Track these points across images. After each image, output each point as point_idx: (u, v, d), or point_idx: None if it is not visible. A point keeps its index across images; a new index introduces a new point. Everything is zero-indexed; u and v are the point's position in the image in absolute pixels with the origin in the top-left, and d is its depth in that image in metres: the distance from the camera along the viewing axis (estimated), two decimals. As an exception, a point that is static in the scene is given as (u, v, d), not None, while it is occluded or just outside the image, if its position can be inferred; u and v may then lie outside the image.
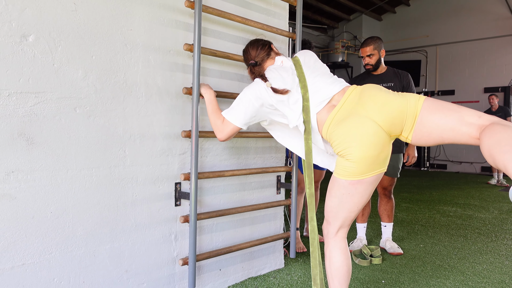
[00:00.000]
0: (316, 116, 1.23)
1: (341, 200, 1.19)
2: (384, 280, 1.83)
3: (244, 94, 1.31)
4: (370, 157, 1.12)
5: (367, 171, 1.14)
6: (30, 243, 1.17)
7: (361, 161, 1.12)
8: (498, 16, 6.63)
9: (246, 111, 1.29)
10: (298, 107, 1.24)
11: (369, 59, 2.22)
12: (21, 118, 1.15)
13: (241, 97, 1.31)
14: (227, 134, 1.33)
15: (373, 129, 1.12)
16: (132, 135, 1.39)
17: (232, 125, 1.31)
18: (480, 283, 1.81)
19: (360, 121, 1.13)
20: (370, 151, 1.11)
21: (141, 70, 1.40)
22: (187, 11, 1.52)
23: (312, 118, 1.23)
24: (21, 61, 1.14)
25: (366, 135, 1.12)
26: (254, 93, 1.29)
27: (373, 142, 1.11)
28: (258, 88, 1.29)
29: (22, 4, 1.14)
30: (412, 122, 1.13)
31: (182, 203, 1.54)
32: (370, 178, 1.15)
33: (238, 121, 1.30)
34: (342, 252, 1.22)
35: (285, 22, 1.92)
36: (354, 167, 1.13)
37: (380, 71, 2.27)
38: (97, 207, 1.31)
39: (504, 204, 3.84)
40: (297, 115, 1.24)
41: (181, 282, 1.55)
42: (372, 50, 2.20)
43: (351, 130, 1.14)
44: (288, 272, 1.91)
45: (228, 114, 1.32)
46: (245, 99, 1.30)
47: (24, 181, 1.15)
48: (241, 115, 1.30)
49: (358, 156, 1.11)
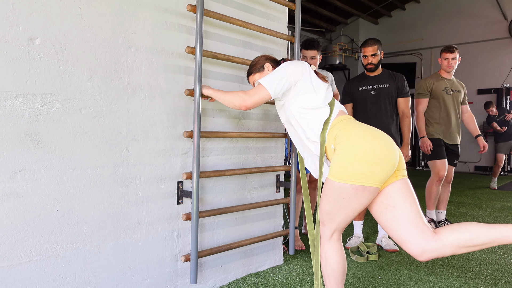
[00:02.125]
0: (338, 111, 1.30)
1: (339, 205, 1.17)
2: (380, 276, 1.87)
3: (283, 66, 1.33)
4: (389, 163, 1.14)
5: (375, 177, 1.13)
6: (36, 240, 1.20)
7: (380, 162, 1.13)
8: (491, 19, 6.75)
9: (280, 80, 1.29)
10: (329, 96, 1.31)
11: (372, 59, 2.25)
12: (28, 118, 1.17)
13: (278, 69, 1.32)
14: (256, 100, 1.29)
15: (394, 143, 1.20)
16: (136, 135, 1.42)
17: (265, 90, 1.28)
18: (474, 279, 1.86)
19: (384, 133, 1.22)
20: (391, 157, 1.15)
21: (145, 72, 1.44)
22: (189, 15, 1.56)
23: (335, 111, 1.28)
24: (28, 64, 1.17)
25: (390, 143, 1.19)
26: (294, 65, 1.32)
27: (393, 153, 1.17)
28: (299, 64, 1.34)
29: (29, 8, 1.17)
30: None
31: (184, 202, 1.57)
32: (372, 188, 1.14)
33: (271, 86, 1.28)
34: (337, 254, 1.23)
35: (284, 26, 1.96)
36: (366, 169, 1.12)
37: (377, 73, 2.31)
38: (101, 205, 1.34)
39: (497, 203, 3.91)
40: (327, 100, 1.30)
41: (183, 278, 1.58)
42: (376, 50, 2.24)
43: (376, 129, 1.21)
44: (287, 268, 1.95)
45: (264, 81, 1.30)
46: (283, 70, 1.31)
47: (30, 180, 1.18)
48: (275, 82, 1.28)
49: (380, 156, 1.13)
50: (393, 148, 1.19)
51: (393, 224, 1.17)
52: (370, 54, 2.24)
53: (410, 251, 1.14)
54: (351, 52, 7.59)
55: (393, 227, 1.17)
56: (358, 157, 1.14)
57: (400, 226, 1.15)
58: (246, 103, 1.30)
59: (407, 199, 1.18)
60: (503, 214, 3.35)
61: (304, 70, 1.33)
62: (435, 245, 1.11)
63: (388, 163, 1.15)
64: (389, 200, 1.18)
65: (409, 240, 1.13)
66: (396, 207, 1.17)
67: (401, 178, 1.20)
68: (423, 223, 1.15)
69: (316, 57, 2.30)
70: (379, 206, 1.21)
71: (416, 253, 1.13)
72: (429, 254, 1.12)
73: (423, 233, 1.13)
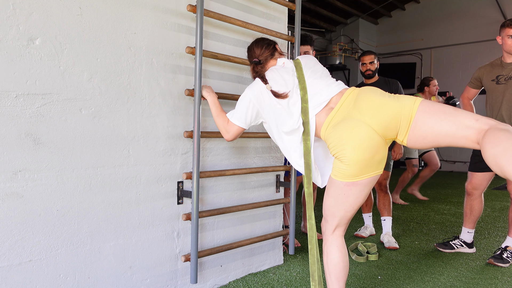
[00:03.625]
0: (315, 117, 1.24)
1: (338, 200, 1.21)
2: (380, 276, 1.87)
3: (244, 94, 1.35)
4: (363, 160, 1.14)
5: (361, 173, 1.15)
6: (37, 240, 1.20)
7: (355, 163, 1.14)
8: (491, 20, 6.75)
9: (247, 111, 1.33)
10: (297, 109, 1.25)
11: (370, 66, 2.49)
12: (28, 118, 1.18)
13: (242, 97, 1.35)
14: (233, 135, 1.38)
15: (366, 132, 1.13)
16: (136, 135, 1.42)
17: (236, 126, 1.36)
18: (474, 278, 1.86)
19: (355, 124, 1.15)
20: (364, 154, 1.13)
21: (145, 73, 1.44)
22: (189, 15, 1.56)
23: (311, 119, 1.25)
24: (28, 64, 1.17)
25: (360, 139, 1.13)
26: (254, 92, 1.32)
27: (366, 146, 1.13)
28: (257, 88, 1.32)
29: (29, 9, 1.17)
30: (406, 125, 1.13)
31: (184, 202, 1.57)
32: (364, 180, 1.17)
33: (240, 122, 1.34)
34: (339, 250, 1.24)
35: (284, 26, 1.97)
36: (348, 169, 1.15)
37: (373, 80, 2.53)
38: (101, 205, 1.34)
39: (497, 203, 3.91)
40: (296, 117, 1.25)
41: (183, 278, 1.58)
42: (373, 58, 2.50)
43: (345, 133, 1.15)
44: (287, 268, 1.95)
45: (231, 116, 1.36)
46: (246, 99, 1.33)
47: (31, 180, 1.18)
48: (243, 116, 1.33)
49: (351, 159, 1.14)
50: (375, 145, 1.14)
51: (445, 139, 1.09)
52: (368, 62, 2.50)
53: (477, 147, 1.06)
54: (351, 52, 7.59)
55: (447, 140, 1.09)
56: (349, 163, 1.16)
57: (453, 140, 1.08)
58: (226, 137, 1.40)
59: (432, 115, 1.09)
60: (503, 214, 3.35)
61: (263, 93, 1.31)
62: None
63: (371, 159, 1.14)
64: (421, 132, 1.11)
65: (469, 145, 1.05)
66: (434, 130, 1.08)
67: (414, 115, 1.11)
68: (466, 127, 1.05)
69: (309, 52, 2.38)
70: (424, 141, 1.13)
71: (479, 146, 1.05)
72: None
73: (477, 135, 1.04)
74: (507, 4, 6.62)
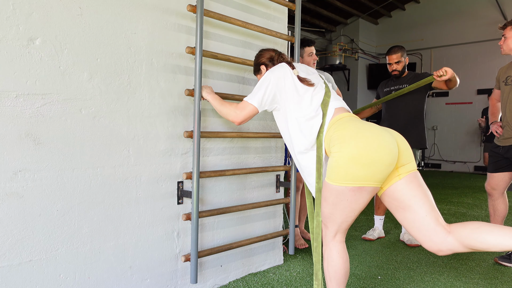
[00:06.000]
0: (334, 110, 1.26)
1: (338, 207, 1.17)
2: (380, 276, 1.87)
3: (265, 76, 1.35)
4: (381, 162, 1.10)
5: (371, 177, 1.12)
6: (37, 240, 1.20)
7: (372, 163, 1.10)
8: (491, 20, 6.75)
9: (265, 91, 1.33)
10: (318, 99, 1.28)
11: (397, 66, 2.37)
12: (28, 118, 1.18)
13: (261, 80, 1.36)
14: (244, 115, 1.36)
15: (392, 141, 1.14)
16: (136, 135, 1.42)
17: (250, 106, 1.34)
18: (473, 278, 1.86)
19: (381, 129, 1.18)
20: (385, 156, 1.10)
21: (145, 73, 1.44)
22: (189, 15, 1.56)
23: (330, 111, 1.25)
24: (28, 64, 1.17)
25: (386, 141, 1.13)
26: (275, 74, 1.33)
27: (390, 150, 1.12)
28: (281, 71, 1.33)
29: (29, 9, 1.17)
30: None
31: (184, 201, 1.57)
32: (370, 188, 1.14)
33: (255, 101, 1.33)
34: (340, 256, 1.22)
35: (284, 26, 1.97)
36: (359, 170, 1.10)
37: (403, 75, 2.43)
38: (101, 205, 1.34)
39: None
40: (315, 106, 1.26)
41: (183, 278, 1.58)
42: (399, 57, 2.36)
43: (369, 132, 1.15)
44: (287, 268, 1.95)
45: (248, 97, 1.36)
46: (265, 80, 1.34)
47: (31, 180, 1.18)
48: (260, 96, 1.33)
49: (371, 157, 1.09)
50: (388, 147, 1.13)
51: (406, 225, 1.19)
52: (394, 61, 2.37)
53: (427, 248, 1.17)
54: (351, 52, 7.59)
55: (407, 227, 1.19)
56: (351, 159, 1.13)
57: (413, 228, 1.16)
58: (237, 118, 1.37)
59: (414, 199, 1.16)
60: None
61: (286, 77, 1.32)
62: (448, 244, 1.12)
63: (382, 163, 1.12)
64: (397, 202, 1.18)
65: (423, 241, 1.16)
66: (405, 208, 1.17)
67: (404, 177, 1.17)
68: (435, 221, 1.13)
69: (314, 52, 2.41)
70: (390, 206, 1.21)
71: (432, 250, 1.16)
72: (444, 252, 1.15)
73: (435, 233, 1.13)
74: (507, 4, 6.62)
